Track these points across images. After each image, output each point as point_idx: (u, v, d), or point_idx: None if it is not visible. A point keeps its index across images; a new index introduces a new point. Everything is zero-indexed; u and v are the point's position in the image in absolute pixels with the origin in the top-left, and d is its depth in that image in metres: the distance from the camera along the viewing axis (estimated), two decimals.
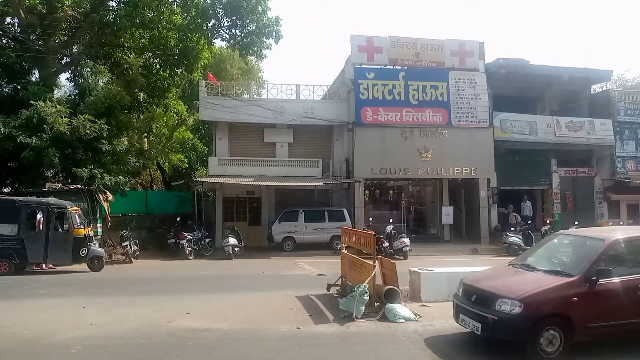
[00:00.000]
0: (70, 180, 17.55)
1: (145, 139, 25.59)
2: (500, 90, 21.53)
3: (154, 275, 13.60)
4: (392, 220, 19.00)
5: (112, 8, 21.52)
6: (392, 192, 24.77)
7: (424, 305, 8.70)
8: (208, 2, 23.21)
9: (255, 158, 20.43)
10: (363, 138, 20.03)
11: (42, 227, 13.49)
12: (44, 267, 14.39)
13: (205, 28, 23.04)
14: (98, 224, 16.82)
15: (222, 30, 24.53)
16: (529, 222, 20.78)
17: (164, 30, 21.26)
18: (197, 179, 21.54)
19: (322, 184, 20.03)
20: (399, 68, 20.70)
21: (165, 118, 25.83)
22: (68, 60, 22.01)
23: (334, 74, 28.79)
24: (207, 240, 18.70)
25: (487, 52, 22.72)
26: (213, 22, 23.86)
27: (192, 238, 17.76)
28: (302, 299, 9.48)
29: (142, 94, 21.67)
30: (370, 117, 20.08)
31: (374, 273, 8.34)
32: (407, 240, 17.26)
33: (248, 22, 23.46)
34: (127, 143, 18.86)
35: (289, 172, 20.11)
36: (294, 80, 72.88)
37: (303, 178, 19.84)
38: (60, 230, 13.85)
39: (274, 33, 23.61)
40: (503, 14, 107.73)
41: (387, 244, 17.14)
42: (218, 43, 28.48)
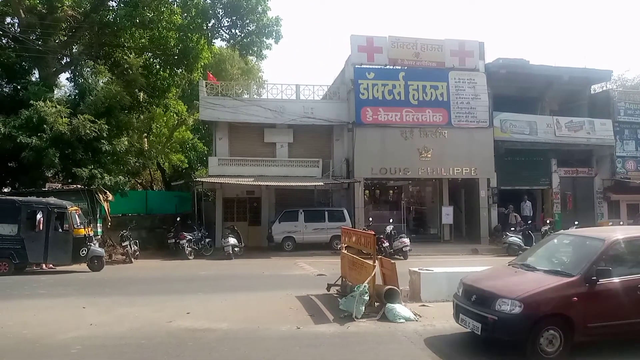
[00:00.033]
0: (70, 180, 17.56)
1: (145, 139, 25.60)
2: (500, 90, 21.55)
3: (154, 275, 13.60)
4: (392, 220, 19.01)
5: (112, 8, 21.53)
6: (392, 192, 24.77)
7: (424, 305, 8.71)
8: (208, 2, 23.21)
9: (255, 158, 20.44)
10: (363, 138, 20.04)
11: (42, 227, 13.50)
12: (44, 267, 14.39)
13: (205, 28, 23.04)
14: (98, 224, 16.82)
15: (222, 30, 24.56)
16: (529, 222, 20.79)
17: (164, 30, 21.27)
18: (197, 179, 21.54)
19: (322, 184, 20.04)
20: (399, 68, 20.70)
21: (165, 118, 25.84)
22: (68, 60, 22.01)
23: (334, 74, 28.85)
24: (207, 240, 18.71)
25: (487, 52, 22.76)
26: (213, 22, 23.86)
27: (192, 238, 17.77)
28: (302, 299, 9.49)
29: (142, 94, 21.68)
30: (370, 117, 20.08)
31: (374, 273, 8.34)
32: (407, 240, 17.27)
33: (248, 22, 23.46)
34: (127, 143, 18.86)
35: (289, 172, 20.12)
36: (294, 80, 72.97)
37: (303, 178, 19.85)
38: (60, 230, 13.86)
39: (274, 33, 23.61)
40: (503, 14, 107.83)
41: (387, 244, 17.15)
42: (218, 43, 28.53)
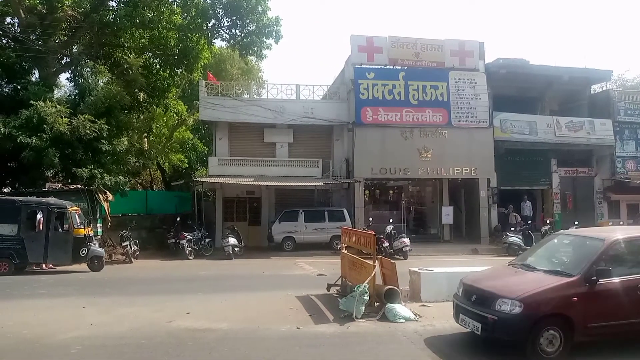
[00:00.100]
0: (70, 180, 17.56)
1: (145, 139, 25.60)
2: (500, 90, 21.54)
3: (154, 275, 13.60)
4: (392, 220, 19.01)
5: (112, 8, 21.53)
6: (392, 192, 24.77)
7: (424, 305, 8.70)
8: (208, 2, 23.20)
9: (255, 158, 20.44)
10: (363, 138, 20.03)
11: (42, 227, 13.50)
12: (44, 267, 14.39)
13: (205, 28, 23.03)
14: (98, 224, 16.82)
15: (222, 30, 24.56)
16: (529, 222, 20.79)
17: (164, 30, 21.26)
18: (197, 179, 21.54)
19: (322, 184, 20.03)
20: (399, 68, 20.70)
21: (165, 118, 25.84)
22: (68, 60, 22.01)
23: (334, 74, 28.85)
24: (207, 240, 18.71)
25: (487, 52, 22.76)
26: (213, 22, 23.86)
27: (192, 238, 17.77)
28: (302, 299, 9.49)
29: (142, 94, 21.67)
30: (370, 117, 20.08)
31: (374, 273, 8.34)
32: (407, 240, 17.27)
33: (248, 22, 23.45)
34: (127, 143, 18.86)
35: (289, 172, 20.12)
36: (294, 80, 72.96)
37: (303, 178, 19.85)
38: (60, 230, 13.86)
39: (274, 33, 23.61)
40: (503, 14, 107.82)
41: (387, 244, 17.15)
42: (218, 43, 28.53)
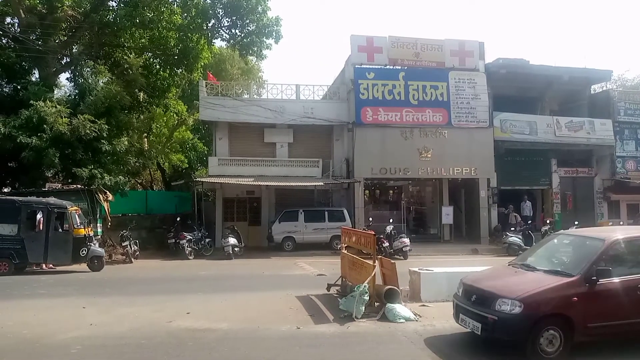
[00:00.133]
0: (70, 180, 17.55)
1: (145, 139, 25.60)
2: (500, 90, 21.54)
3: (154, 275, 13.60)
4: (392, 220, 19.01)
5: (112, 8, 21.52)
6: (392, 192, 24.77)
7: (424, 305, 8.70)
8: (208, 2, 23.20)
9: (255, 158, 20.44)
10: (363, 138, 20.03)
11: (42, 227, 13.49)
12: (44, 267, 14.39)
13: (205, 28, 23.03)
14: (98, 224, 16.82)
15: (222, 30, 24.55)
16: (529, 222, 20.79)
17: (164, 30, 21.26)
18: (197, 179, 21.54)
19: (322, 184, 20.03)
20: (399, 68, 20.70)
21: (165, 118, 25.85)
22: (68, 60, 22.01)
23: (334, 74, 28.84)
24: (207, 240, 18.72)
25: (487, 52, 22.76)
26: (213, 22, 23.85)
27: (192, 238, 17.77)
28: (302, 299, 9.49)
29: (142, 94, 21.67)
30: (370, 117, 20.08)
31: (374, 273, 8.34)
32: (407, 240, 17.26)
33: (248, 22, 23.45)
34: (127, 143, 18.86)
35: (289, 172, 20.12)
36: (294, 80, 72.96)
37: (303, 178, 19.85)
38: (60, 230, 13.85)
39: (274, 33, 23.61)
40: (503, 14, 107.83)
41: (387, 244, 17.15)
42: (218, 43, 28.53)
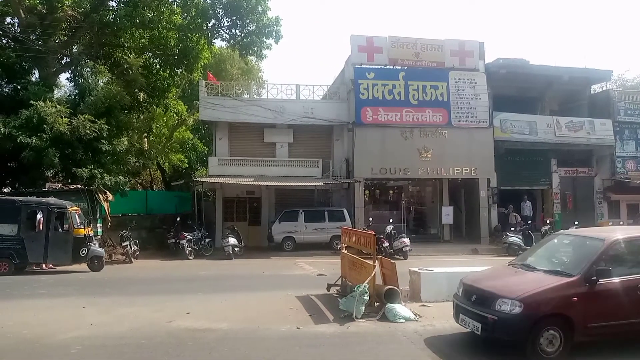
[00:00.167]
0: (70, 180, 17.55)
1: (145, 139, 25.60)
2: (500, 90, 21.55)
3: (154, 275, 13.60)
4: (392, 220, 19.01)
5: (112, 8, 21.52)
6: (392, 192, 24.77)
7: (424, 305, 8.70)
8: (208, 2, 23.20)
9: (255, 158, 20.44)
10: (363, 138, 20.03)
11: (42, 227, 13.49)
12: (44, 267, 14.39)
13: (205, 28, 23.03)
14: (98, 224, 16.82)
15: (222, 30, 24.55)
16: (529, 222, 20.79)
17: (164, 30, 21.25)
18: (197, 179, 21.54)
19: (322, 184, 20.03)
20: (399, 68, 20.70)
21: (165, 118, 25.85)
22: (68, 60, 22.00)
23: (334, 74, 28.84)
24: (207, 240, 18.72)
25: (487, 52, 22.76)
26: (213, 22, 23.85)
27: (192, 238, 17.77)
28: (302, 299, 9.49)
29: (142, 94, 21.67)
30: (370, 117, 20.08)
31: (374, 273, 8.34)
32: (407, 240, 17.26)
33: (248, 22, 23.45)
34: (127, 143, 18.85)
35: (289, 172, 20.11)
36: (294, 80, 72.93)
37: (303, 178, 19.85)
38: (60, 230, 13.85)
39: (274, 33, 23.61)
40: (503, 14, 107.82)
41: (387, 244, 17.14)
42: (218, 43, 28.53)
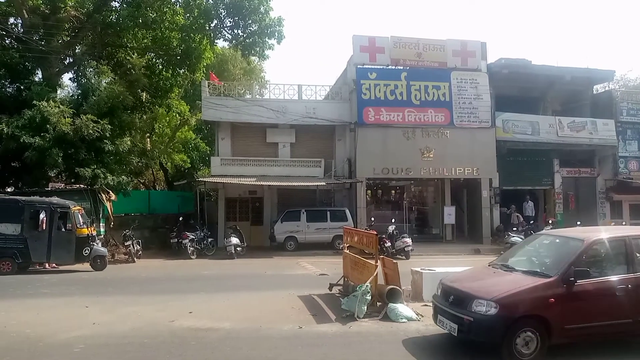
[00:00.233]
0: (73, 180, 17.59)
1: (148, 139, 25.66)
2: (503, 91, 21.54)
3: (157, 275, 13.63)
4: (394, 220, 19.04)
5: (114, 8, 21.52)
6: (394, 192, 24.74)
7: (426, 305, 8.67)
8: (210, 2, 23.20)
9: (258, 158, 20.45)
10: (365, 138, 20.02)
11: (45, 226, 13.54)
12: (47, 266, 14.45)
13: (208, 28, 23.03)
14: (101, 224, 16.86)
15: (224, 31, 24.50)
16: (531, 222, 20.79)
17: (167, 31, 21.26)
18: (199, 179, 21.59)
19: (324, 184, 20.04)
20: (401, 68, 20.68)
21: (168, 118, 25.89)
22: (71, 61, 22.03)
23: (336, 74, 28.81)
24: (209, 240, 18.78)
25: (489, 52, 22.80)
26: (215, 22, 23.82)
27: (194, 238, 17.82)
28: (304, 299, 9.50)
29: (144, 94, 21.68)
30: (373, 117, 20.07)
31: (376, 273, 8.36)
32: (409, 240, 17.26)
33: (250, 22, 23.42)
34: (129, 143, 18.87)
35: (291, 172, 20.13)
36: (296, 81, 72.83)
37: (305, 178, 19.86)
38: (63, 230, 13.90)
39: (276, 33, 23.57)
40: (505, 14, 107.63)
41: (389, 244, 17.13)
42: (220, 43, 28.44)
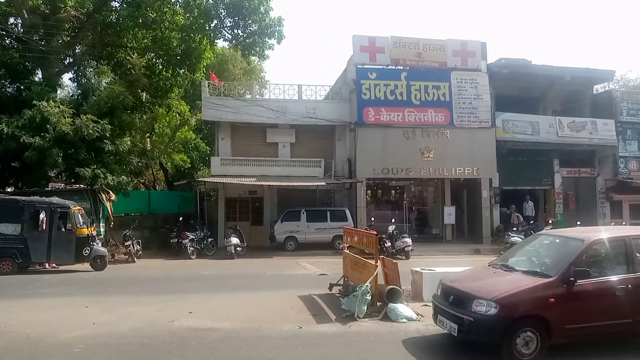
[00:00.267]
0: (73, 180, 17.59)
1: (148, 139, 25.66)
2: (503, 91, 21.54)
3: (157, 275, 13.63)
4: (394, 220, 19.04)
5: (114, 8, 21.52)
6: (394, 192, 24.74)
7: (426, 305, 8.67)
8: (210, 2, 23.21)
9: (258, 158, 20.45)
10: (365, 138, 20.02)
11: (45, 226, 13.54)
12: (47, 266, 14.45)
13: (208, 28, 23.03)
14: (101, 224, 16.86)
15: (224, 31, 24.50)
16: (531, 222, 20.79)
17: (167, 31, 21.26)
18: (199, 179, 21.59)
19: (324, 184, 20.04)
20: (401, 68, 20.68)
21: (168, 118, 25.89)
22: (71, 61, 22.03)
23: (336, 74, 28.81)
24: (209, 240, 18.78)
25: (489, 52, 22.80)
26: (215, 22, 23.83)
27: (194, 238, 17.82)
28: (304, 299, 9.51)
29: (144, 94, 21.68)
30: (373, 117, 20.07)
31: (376, 273, 8.36)
32: (409, 240, 17.26)
33: (250, 22, 23.42)
34: (129, 143, 18.87)
35: (291, 172, 20.13)
36: (296, 81, 72.82)
37: (305, 178, 19.86)
38: (63, 230, 13.90)
39: (276, 33, 23.58)
40: (505, 14, 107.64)
41: (389, 244, 17.13)
42: (220, 43, 28.45)
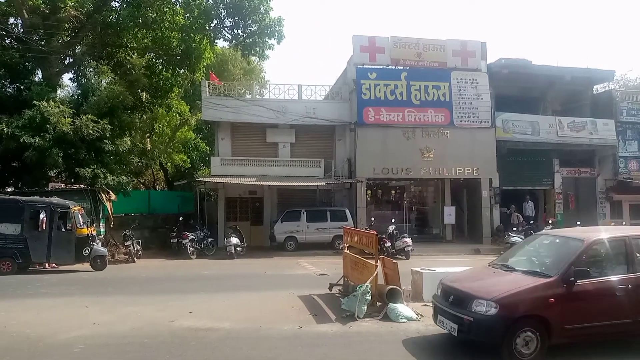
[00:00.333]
0: (73, 180, 17.59)
1: (148, 139, 25.66)
2: (503, 91, 21.54)
3: (157, 275, 13.63)
4: (394, 220, 19.04)
5: (114, 8, 21.52)
6: (394, 192, 24.74)
7: (426, 305, 8.67)
8: (210, 2, 23.21)
9: (258, 158, 20.45)
10: (365, 138, 20.02)
11: (45, 226, 13.54)
12: (47, 266, 14.45)
13: (208, 28, 23.03)
14: (101, 224, 16.87)
15: (224, 31, 24.50)
16: (531, 222, 20.79)
17: (167, 31, 21.26)
18: (199, 179, 21.59)
19: (324, 184, 20.04)
20: (401, 68, 20.68)
21: (168, 118, 25.90)
22: (71, 61, 22.03)
23: (336, 74, 28.81)
24: (209, 240, 18.78)
25: (489, 52, 22.81)
26: (215, 22, 23.83)
27: (194, 238, 17.82)
28: (304, 299, 9.51)
29: (144, 94, 21.68)
30: (373, 117, 20.07)
31: (376, 273, 8.36)
32: (409, 240, 17.26)
33: (250, 22, 23.42)
34: (129, 143, 18.87)
35: (291, 172, 20.13)
36: (296, 81, 72.82)
37: (305, 178, 19.86)
38: (63, 230, 13.91)
39: (276, 33, 23.58)
40: (505, 14, 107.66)
41: (389, 244, 17.13)
42: (220, 43, 28.45)
